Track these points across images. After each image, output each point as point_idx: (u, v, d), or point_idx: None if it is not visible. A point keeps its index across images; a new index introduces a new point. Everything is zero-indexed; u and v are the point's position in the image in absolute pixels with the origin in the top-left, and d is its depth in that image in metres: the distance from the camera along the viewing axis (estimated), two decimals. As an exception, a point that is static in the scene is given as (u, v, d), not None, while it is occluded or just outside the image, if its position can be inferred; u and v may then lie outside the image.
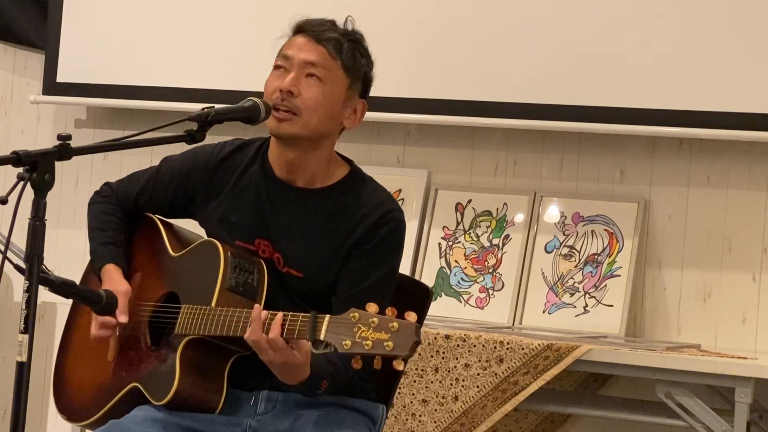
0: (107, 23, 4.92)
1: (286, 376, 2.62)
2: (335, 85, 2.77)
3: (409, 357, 2.39)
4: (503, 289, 4.30)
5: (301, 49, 2.77)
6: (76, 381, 2.95)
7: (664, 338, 4.21)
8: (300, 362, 2.58)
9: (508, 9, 4.34)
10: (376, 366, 2.40)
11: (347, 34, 2.80)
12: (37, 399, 4.98)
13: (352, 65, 2.78)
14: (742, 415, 3.59)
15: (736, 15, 4.08)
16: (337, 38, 2.77)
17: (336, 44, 2.76)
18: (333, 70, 2.76)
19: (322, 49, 2.76)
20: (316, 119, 2.75)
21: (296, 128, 2.75)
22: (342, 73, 2.78)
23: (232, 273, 2.73)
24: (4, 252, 2.32)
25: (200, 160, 2.92)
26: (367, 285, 2.74)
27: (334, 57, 2.76)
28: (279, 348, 2.55)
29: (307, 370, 2.61)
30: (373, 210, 2.80)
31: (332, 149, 2.86)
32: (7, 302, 5.21)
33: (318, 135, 2.78)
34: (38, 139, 5.16)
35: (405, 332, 2.37)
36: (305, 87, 2.75)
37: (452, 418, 3.78)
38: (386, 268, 2.79)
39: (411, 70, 4.45)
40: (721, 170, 4.20)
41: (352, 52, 2.78)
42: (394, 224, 2.80)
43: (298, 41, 2.79)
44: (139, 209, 3.00)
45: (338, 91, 2.78)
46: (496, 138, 4.48)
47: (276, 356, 2.56)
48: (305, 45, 2.77)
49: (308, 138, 2.77)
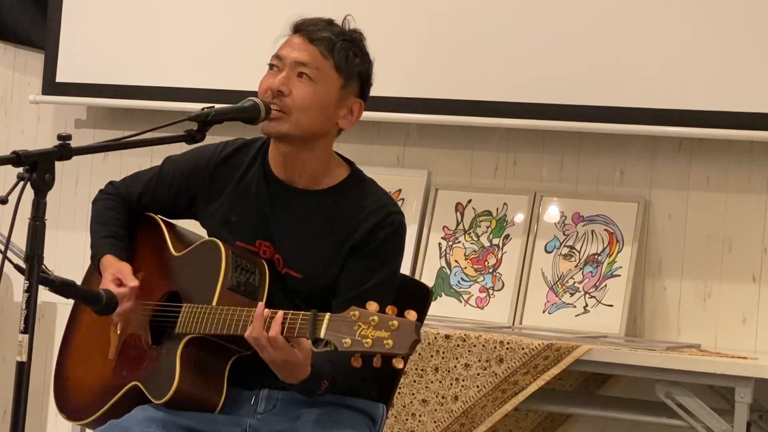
0: (107, 23, 4.92)
1: (286, 374, 2.62)
2: (327, 85, 2.77)
3: (408, 355, 2.39)
4: (503, 289, 4.30)
5: (294, 49, 2.78)
6: (76, 380, 2.95)
7: (664, 338, 4.21)
8: (300, 361, 2.58)
9: (508, 9, 4.34)
10: (375, 364, 2.40)
11: (342, 33, 2.80)
12: (37, 399, 4.98)
13: (344, 65, 2.78)
14: (742, 415, 3.59)
15: (736, 15, 4.08)
16: (330, 38, 2.77)
17: (329, 44, 2.77)
18: (325, 69, 2.77)
19: (313, 49, 2.77)
20: (306, 118, 2.76)
21: (286, 127, 2.75)
22: (334, 73, 2.78)
23: (234, 272, 2.73)
24: (4, 252, 2.32)
25: (202, 160, 2.93)
26: (368, 287, 2.74)
27: (326, 57, 2.77)
28: (279, 346, 2.55)
29: (308, 369, 2.61)
30: (373, 212, 2.80)
31: (330, 150, 2.86)
32: (7, 302, 5.21)
33: (310, 134, 2.78)
34: (38, 139, 5.16)
35: (405, 330, 2.37)
36: (296, 86, 2.75)
37: (452, 418, 3.78)
38: (387, 271, 2.79)
39: (411, 70, 4.45)
40: (721, 171, 4.20)
41: (345, 51, 2.78)
42: (395, 227, 2.81)
43: (292, 41, 2.80)
44: (141, 208, 3.00)
45: (330, 91, 2.78)
46: (496, 138, 4.48)
47: (276, 354, 2.57)
48: (298, 45, 2.79)
49: (299, 137, 2.77)
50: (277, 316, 2.55)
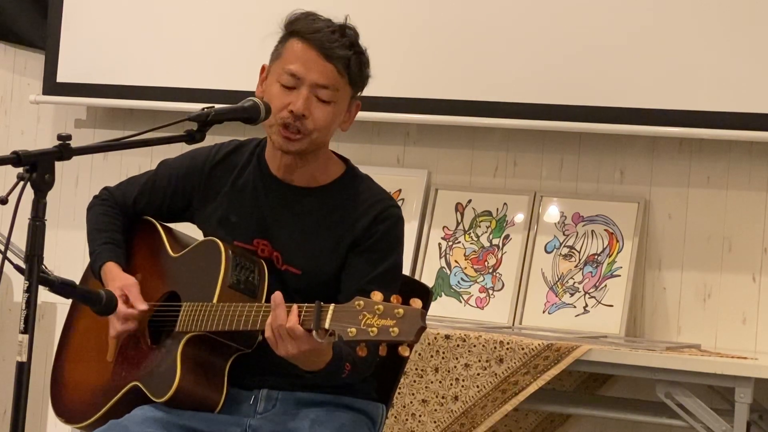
0: (107, 23, 4.92)
1: (308, 363, 2.59)
2: (342, 102, 2.81)
3: (414, 342, 2.38)
4: (503, 289, 4.30)
5: (311, 69, 2.75)
6: (74, 382, 2.95)
7: (664, 338, 4.20)
8: (323, 346, 2.55)
9: (508, 9, 4.33)
10: (381, 353, 2.40)
11: (352, 45, 2.78)
12: (37, 399, 4.97)
13: (359, 80, 2.81)
14: (742, 415, 3.59)
15: (737, 15, 4.08)
16: (346, 56, 2.76)
17: (345, 62, 2.76)
18: (341, 87, 2.78)
19: (331, 68, 2.75)
20: (323, 135, 2.80)
21: (304, 145, 2.79)
22: (348, 88, 2.80)
23: (234, 270, 2.73)
24: (4, 252, 2.32)
25: (197, 163, 2.93)
26: (371, 278, 2.74)
27: (342, 74, 2.77)
28: (298, 336, 2.52)
29: (330, 353, 2.60)
30: (371, 206, 2.81)
31: (327, 149, 2.88)
32: (7, 302, 5.21)
33: (320, 144, 2.82)
34: (38, 139, 5.16)
35: (411, 318, 2.37)
36: (316, 108, 2.76)
37: (452, 418, 3.78)
38: (388, 263, 2.80)
39: (411, 70, 4.45)
40: (721, 170, 4.20)
41: (359, 66, 2.79)
42: (393, 220, 2.82)
43: (307, 56, 2.77)
44: (137, 213, 3.01)
45: (344, 106, 2.82)
46: (496, 138, 4.48)
47: (295, 345, 2.53)
48: (315, 64, 2.76)
49: (311, 151, 2.81)
50: (293, 309, 2.53)
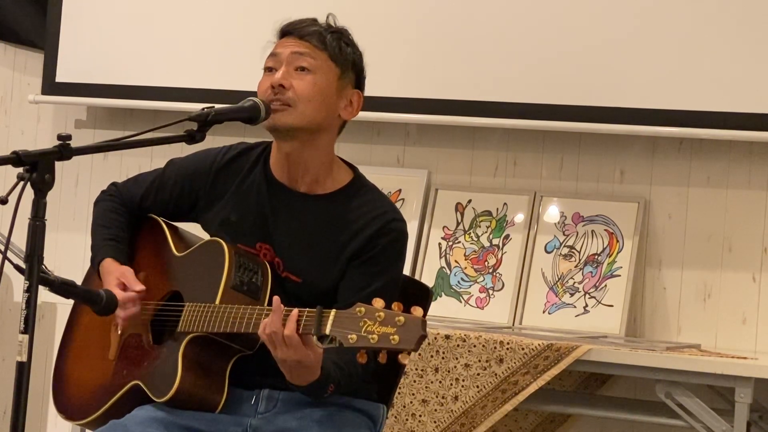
0: (107, 23, 4.92)
1: (295, 375, 2.59)
2: (325, 74, 2.80)
3: (415, 351, 2.38)
4: (503, 289, 4.30)
5: (287, 46, 2.82)
6: (76, 380, 2.95)
7: (664, 338, 4.21)
8: (312, 362, 2.55)
9: (508, 9, 4.34)
10: (381, 360, 2.39)
11: (329, 27, 2.85)
12: (37, 399, 4.98)
13: (338, 54, 2.82)
14: (742, 415, 3.59)
15: (737, 15, 4.08)
16: (319, 31, 2.82)
17: (320, 37, 2.81)
18: (321, 59, 2.80)
19: (307, 43, 2.81)
20: (311, 109, 2.77)
21: (291, 118, 2.76)
22: (330, 63, 2.81)
23: (237, 272, 2.73)
24: (4, 252, 2.32)
25: (204, 164, 2.93)
26: (369, 291, 2.72)
27: (320, 48, 2.81)
28: (293, 344, 2.52)
29: (318, 372, 2.59)
30: (374, 219, 2.80)
31: (332, 148, 2.86)
32: (7, 302, 5.21)
33: (315, 126, 2.79)
34: (38, 139, 5.16)
35: (411, 326, 2.37)
36: (296, 78, 2.78)
37: (452, 418, 3.78)
38: (387, 278, 2.78)
39: (411, 70, 4.45)
40: (721, 170, 4.20)
41: (337, 42, 2.83)
42: (395, 234, 2.81)
43: (284, 40, 2.85)
44: (143, 211, 3.01)
45: (329, 80, 2.81)
46: (496, 138, 4.48)
47: (289, 353, 2.53)
48: (290, 41, 2.83)
49: (306, 129, 2.78)
50: (292, 314, 2.53)
